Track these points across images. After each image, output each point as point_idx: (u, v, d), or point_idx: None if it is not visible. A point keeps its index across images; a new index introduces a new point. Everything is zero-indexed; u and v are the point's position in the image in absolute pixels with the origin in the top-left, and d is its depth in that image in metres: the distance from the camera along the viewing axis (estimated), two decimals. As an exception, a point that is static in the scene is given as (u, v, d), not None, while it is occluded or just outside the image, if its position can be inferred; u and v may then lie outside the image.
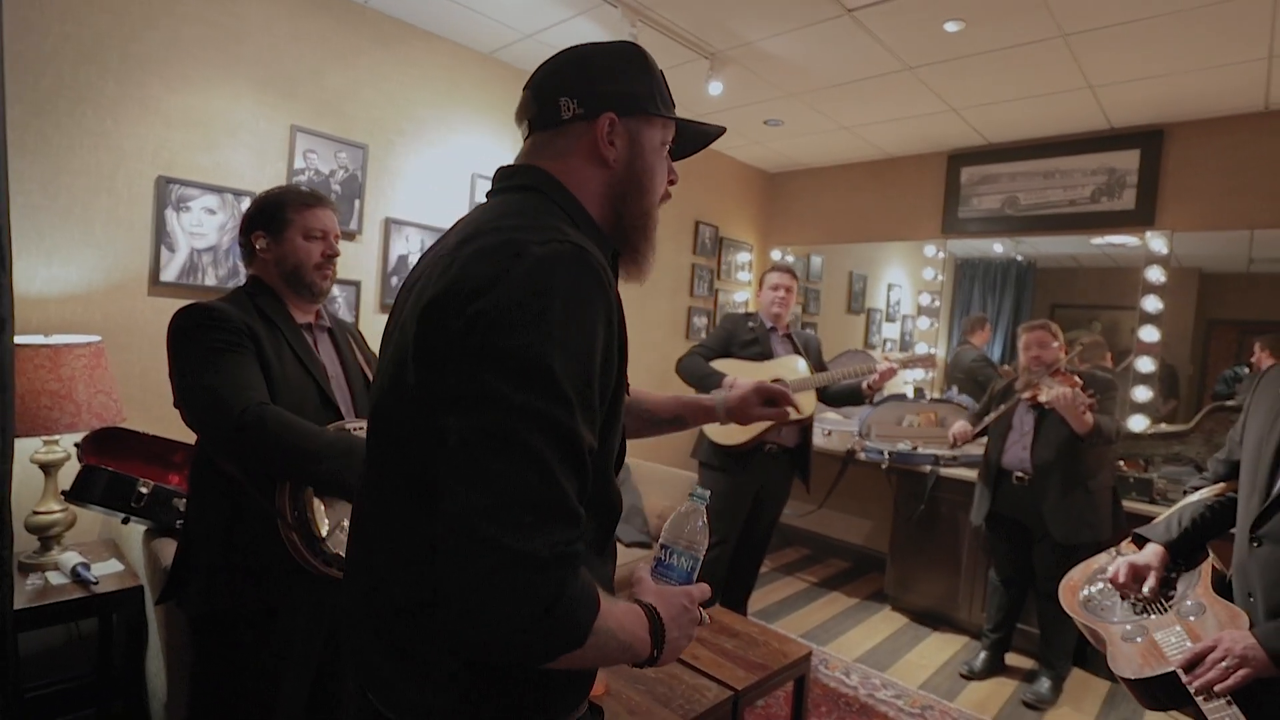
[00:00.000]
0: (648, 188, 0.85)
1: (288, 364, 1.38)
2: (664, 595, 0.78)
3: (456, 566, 0.59)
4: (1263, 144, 3.16)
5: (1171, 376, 3.60)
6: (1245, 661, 1.16)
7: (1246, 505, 1.33)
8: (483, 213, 0.80)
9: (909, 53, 2.86)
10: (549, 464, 0.61)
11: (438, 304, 0.67)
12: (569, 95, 0.81)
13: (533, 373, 0.62)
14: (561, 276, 0.65)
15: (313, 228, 1.45)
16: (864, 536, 4.31)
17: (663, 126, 0.87)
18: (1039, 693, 2.75)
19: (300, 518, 1.27)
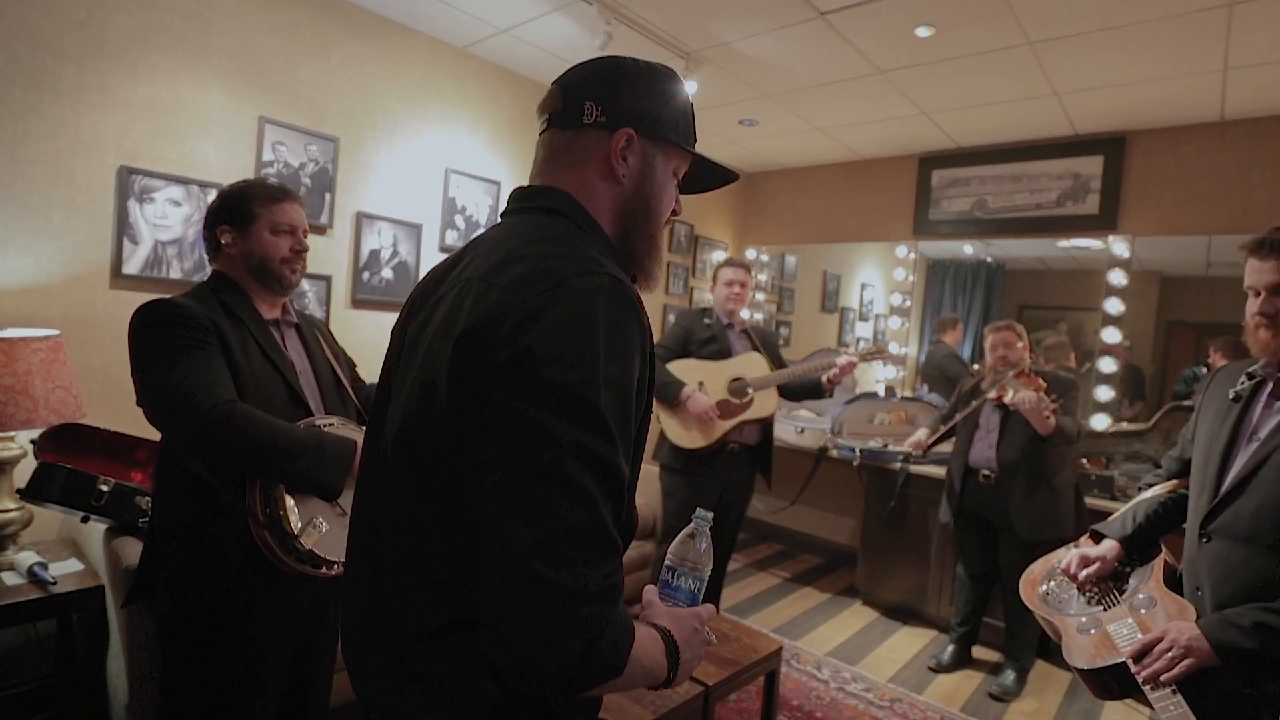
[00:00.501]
0: (655, 210, 0.86)
1: (254, 360, 1.35)
2: (676, 617, 0.79)
3: (506, 600, 0.60)
4: (1219, 153, 3.27)
5: (1137, 378, 3.71)
6: (1190, 652, 1.20)
7: (1196, 502, 1.37)
8: (508, 234, 0.79)
9: (881, 56, 2.90)
10: (595, 499, 0.63)
11: (478, 333, 0.67)
12: (594, 101, 0.81)
13: (580, 409, 0.63)
14: (603, 311, 0.66)
15: (280, 222, 1.42)
16: (836, 533, 4.37)
17: (678, 156, 0.87)
18: (1004, 684, 2.82)
19: (272, 515, 1.26)
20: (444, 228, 3.22)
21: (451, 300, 0.74)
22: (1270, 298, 1.25)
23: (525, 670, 0.61)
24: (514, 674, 0.62)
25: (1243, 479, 1.27)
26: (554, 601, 0.59)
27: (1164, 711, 1.20)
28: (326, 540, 1.33)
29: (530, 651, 0.60)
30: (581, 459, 0.62)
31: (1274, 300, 1.24)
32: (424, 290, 0.84)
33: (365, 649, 0.78)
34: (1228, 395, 1.37)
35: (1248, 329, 1.30)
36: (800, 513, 4.34)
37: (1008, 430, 2.78)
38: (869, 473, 3.62)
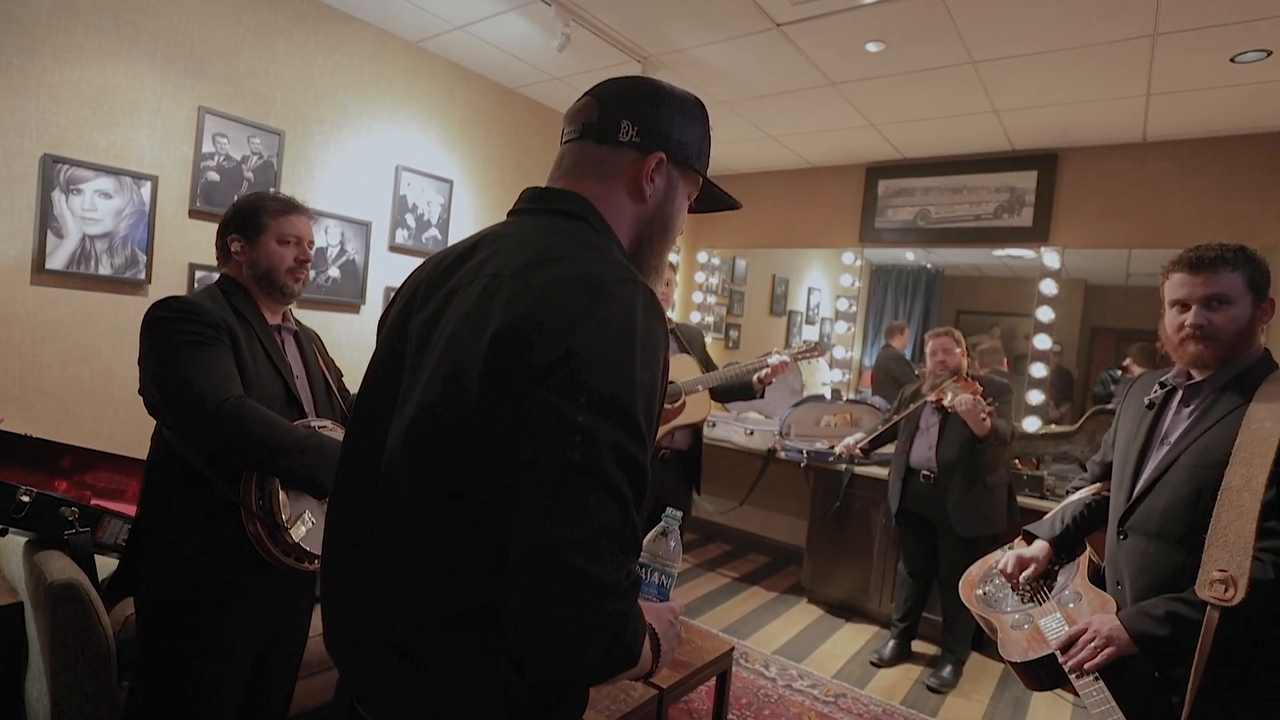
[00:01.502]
0: (670, 231, 0.89)
1: (259, 361, 1.42)
2: (654, 612, 0.81)
3: (544, 593, 0.62)
4: (1141, 172, 3.47)
5: (1066, 381, 3.91)
6: (1110, 641, 1.28)
7: (1115, 502, 1.47)
8: (532, 234, 0.80)
9: (833, 69, 2.97)
10: (627, 499, 0.65)
11: (517, 332, 0.68)
12: (631, 120, 0.83)
13: (620, 413, 0.65)
14: (640, 318, 0.69)
15: (287, 233, 1.50)
16: (783, 532, 4.46)
17: (694, 182, 0.91)
18: (942, 677, 2.93)
19: (265, 507, 1.33)
20: (394, 226, 3.14)
21: (477, 294, 0.74)
22: (1202, 310, 1.32)
23: (557, 660, 0.63)
24: (544, 664, 0.63)
25: (1154, 480, 1.36)
26: (591, 595, 0.61)
27: (1088, 697, 1.28)
28: (313, 535, 1.38)
29: (565, 642, 0.62)
30: (619, 460, 0.64)
31: (1206, 314, 1.31)
32: (429, 280, 0.83)
33: (358, 644, 0.77)
34: (1143, 402, 1.46)
35: (1170, 341, 1.38)
36: (749, 513, 4.41)
37: (946, 432, 2.89)
38: (815, 473, 3.71)
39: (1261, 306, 1.31)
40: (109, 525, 1.73)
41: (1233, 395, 1.31)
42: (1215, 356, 1.32)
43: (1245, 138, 3.23)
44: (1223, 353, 1.31)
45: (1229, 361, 1.33)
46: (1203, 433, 1.31)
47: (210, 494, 1.32)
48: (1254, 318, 1.31)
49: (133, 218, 2.31)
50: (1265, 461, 1.18)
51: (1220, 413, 1.31)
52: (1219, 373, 1.35)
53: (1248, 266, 1.31)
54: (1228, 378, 1.34)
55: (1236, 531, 1.17)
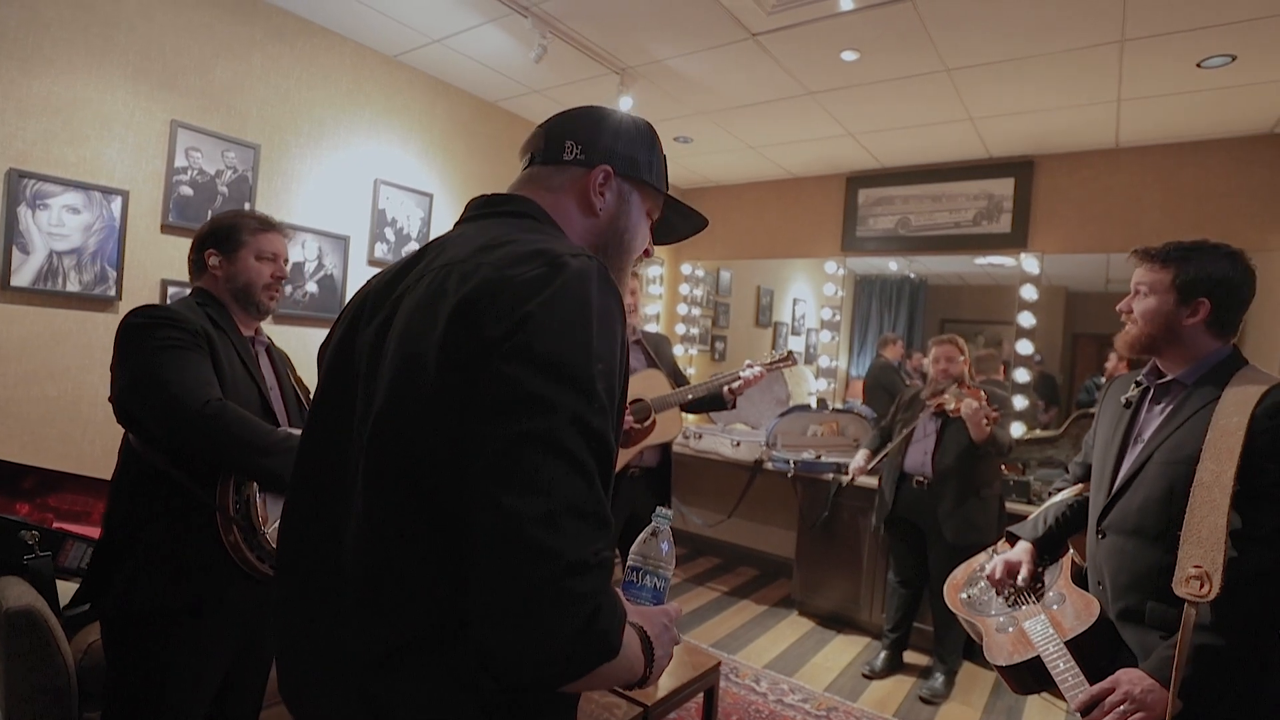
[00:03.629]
0: (626, 245, 0.90)
1: (236, 370, 1.42)
2: (647, 615, 0.77)
3: (503, 573, 0.58)
4: (1114, 177, 3.52)
5: (1050, 386, 3.92)
6: (1143, 706, 1.18)
7: (1094, 502, 1.46)
8: (480, 231, 0.79)
9: (810, 78, 2.99)
10: (590, 470, 0.62)
11: (473, 305, 0.66)
12: (575, 140, 0.87)
13: (577, 379, 0.63)
14: (594, 289, 0.68)
15: (265, 250, 1.52)
16: (772, 544, 4.42)
17: (652, 198, 0.93)
18: (934, 688, 2.90)
19: (243, 511, 1.32)
20: (373, 240, 3.12)
21: (427, 286, 0.73)
22: (1128, 297, 1.40)
23: (525, 648, 0.58)
24: (512, 654, 0.59)
25: (1130, 478, 1.35)
26: (555, 572, 0.57)
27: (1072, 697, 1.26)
28: None
29: (531, 625, 0.57)
30: (579, 430, 0.62)
31: (1130, 299, 1.40)
32: (374, 295, 0.81)
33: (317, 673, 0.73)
34: (1120, 402, 1.46)
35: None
36: (737, 525, 4.38)
37: (944, 439, 2.89)
38: (803, 484, 3.68)
39: (1188, 305, 1.33)
40: (72, 549, 1.68)
41: (1202, 392, 1.31)
42: (1132, 341, 1.39)
43: (1215, 142, 3.28)
44: (1138, 338, 1.38)
45: (1152, 349, 1.38)
46: (1174, 430, 1.32)
47: (183, 501, 1.31)
48: (1175, 314, 1.33)
49: (102, 233, 2.27)
50: (1233, 456, 1.18)
51: (1190, 410, 1.31)
52: (1187, 371, 1.36)
53: (1180, 266, 1.33)
54: (1196, 375, 1.35)
55: (1209, 527, 1.16)
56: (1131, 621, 1.32)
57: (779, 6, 2.42)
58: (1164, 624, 1.25)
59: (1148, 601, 1.29)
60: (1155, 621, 1.28)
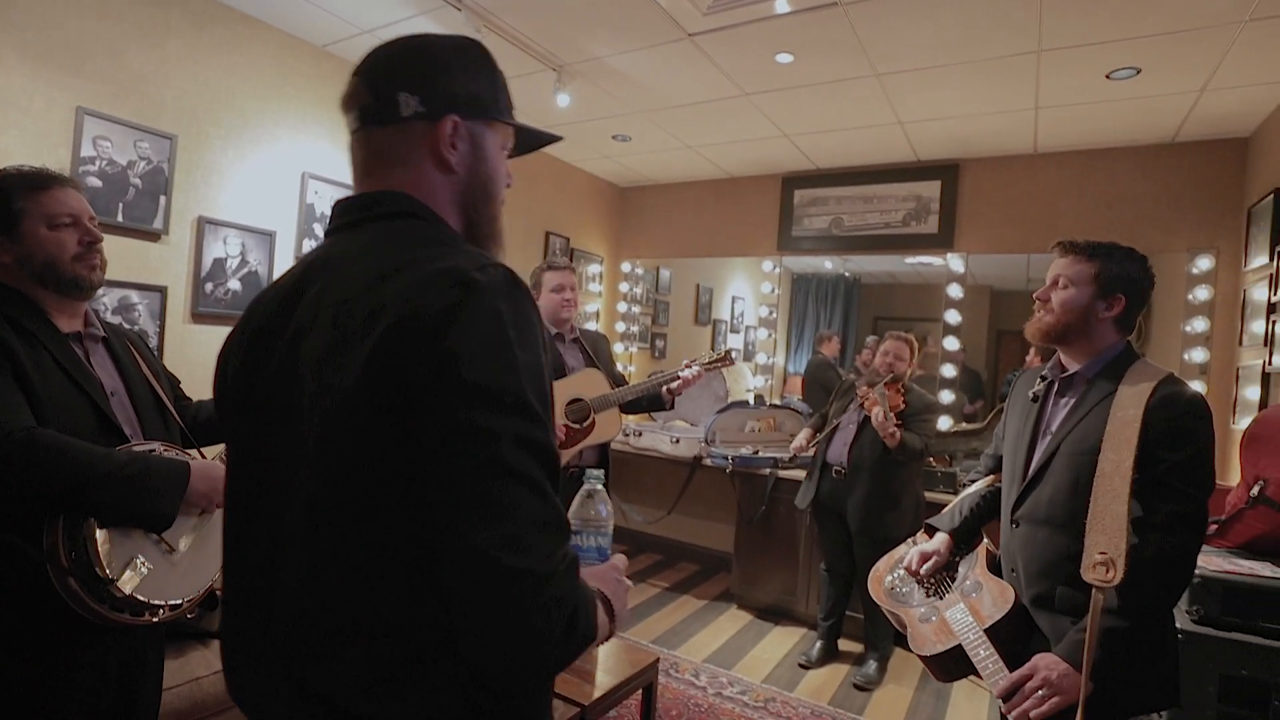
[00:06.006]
0: (492, 193, 0.84)
1: (53, 382, 1.18)
2: (600, 575, 0.81)
3: (485, 603, 0.61)
4: (1033, 181, 3.69)
5: (975, 380, 4.09)
6: (1059, 690, 1.23)
7: (1007, 492, 1.53)
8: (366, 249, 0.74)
9: (745, 80, 3.03)
10: (542, 483, 0.64)
11: (391, 346, 0.63)
12: (410, 91, 0.76)
13: (511, 401, 0.63)
14: (507, 302, 0.66)
15: (56, 214, 1.22)
16: (711, 539, 4.48)
17: (503, 130, 0.85)
18: (867, 674, 2.99)
19: (80, 560, 1.11)
20: (301, 236, 3.00)
21: (331, 324, 0.69)
22: (1047, 287, 1.45)
23: (519, 666, 0.63)
24: (507, 670, 0.63)
25: (1040, 469, 1.42)
26: (532, 589, 0.61)
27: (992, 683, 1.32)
28: (151, 582, 1.18)
29: (522, 643, 0.62)
30: (524, 448, 0.63)
31: (1049, 289, 1.45)
32: (263, 329, 0.76)
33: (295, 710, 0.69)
34: (1028, 396, 1.54)
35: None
36: (677, 521, 4.41)
37: (863, 432, 2.98)
38: (741, 479, 3.74)
39: (1106, 300, 1.40)
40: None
41: (1102, 385, 1.39)
42: (1046, 329, 1.44)
43: (1123, 150, 3.48)
44: (1053, 327, 1.43)
45: (1062, 339, 1.44)
46: (1078, 422, 1.39)
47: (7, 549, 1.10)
48: (1092, 306, 1.40)
49: (-2, 226, 2.12)
50: (1131, 446, 1.25)
51: (1092, 402, 1.38)
52: (1088, 364, 1.44)
53: (1102, 262, 1.40)
54: (1096, 369, 1.42)
55: (1112, 514, 1.23)
56: (1044, 607, 1.39)
57: (715, 7, 2.45)
58: (1074, 609, 1.32)
59: (1058, 587, 1.36)
60: (1065, 606, 1.35)
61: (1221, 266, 3.26)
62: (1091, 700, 1.20)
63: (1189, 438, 1.27)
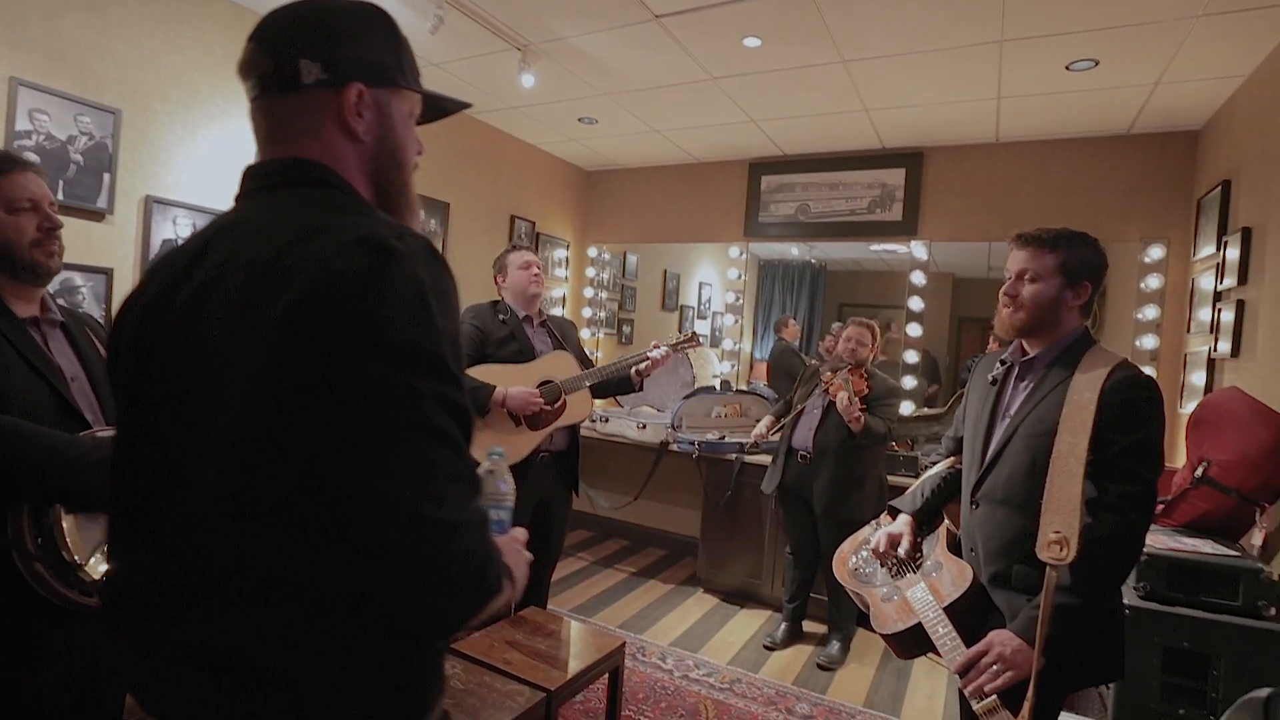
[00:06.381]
0: (402, 161, 0.83)
1: (13, 369, 1.17)
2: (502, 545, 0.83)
3: (405, 552, 0.63)
4: (994, 170, 3.75)
5: (932, 364, 4.17)
6: (1012, 665, 1.27)
7: (967, 474, 1.56)
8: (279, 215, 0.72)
9: (713, 63, 3.01)
10: (458, 441, 0.67)
11: (307, 308, 0.63)
12: (311, 58, 0.74)
13: (432, 362, 0.65)
14: (426, 270, 0.67)
15: (15, 198, 1.21)
16: (678, 524, 4.50)
17: (410, 98, 0.83)
18: (830, 654, 3.05)
19: (47, 546, 1.11)
20: (255, 217, 2.90)
21: (238, 289, 0.67)
22: (1015, 282, 1.45)
23: (435, 613, 0.66)
24: (424, 621, 0.67)
25: (999, 451, 1.45)
26: (447, 538, 0.64)
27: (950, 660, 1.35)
28: None
29: (437, 594, 0.65)
30: (443, 407, 0.66)
31: (1017, 284, 1.44)
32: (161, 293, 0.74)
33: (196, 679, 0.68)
34: (988, 379, 1.56)
35: (998, 309, 1.50)
36: (644, 507, 4.42)
37: (828, 417, 3.01)
38: (707, 464, 3.76)
39: (1074, 288, 1.42)
40: None
41: (1059, 369, 1.42)
42: (1020, 324, 1.45)
43: (1081, 140, 3.56)
44: (1027, 321, 1.44)
45: (1034, 331, 1.45)
46: (1035, 405, 1.42)
47: None
48: (1061, 297, 1.42)
49: (-75, 203, 2.00)
50: (1086, 428, 1.29)
51: (1049, 386, 1.41)
52: (1047, 349, 1.46)
53: (1066, 251, 1.42)
54: (1055, 354, 1.45)
55: (1066, 495, 1.26)
56: (1001, 585, 1.42)
57: (682, -11, 2.42)
58: (1029, 586, 1.35)
59: (1015, 566, 1.39)
60: (1021, 584, 1.38)
61: (1172, 256, 3.36)
62: (1043, 674, 1.23)
63: (1140, 421, 1.31)
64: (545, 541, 2.62)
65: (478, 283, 4.07)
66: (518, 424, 2.41)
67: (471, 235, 4.02)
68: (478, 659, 1.96)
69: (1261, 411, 2.08)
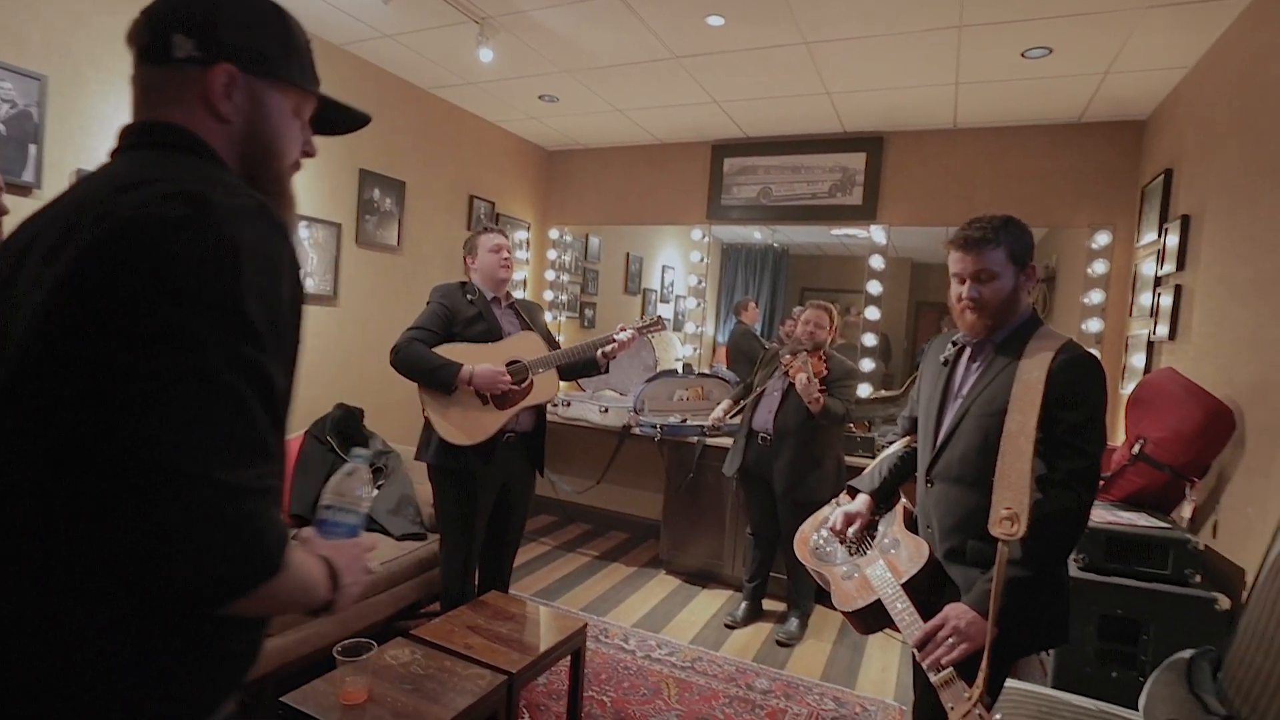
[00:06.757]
0: (276, 152, 0.82)
1: None
2: (338, 547, 0.83)
3: (163, 508, 0.60)
4: (952, 156, 3.81)
5: (886, 345, 4.25)
6: (967, 637, 1.31)
7: (922, 453, 1.60)
8: (128, 168, 0.72)
9: (676, 42, 2.97)
10: (249, 404, 0.64)
11: (107, 246, 0.62)
12: (184, 33, 0.74)
13: (227, 313, 0.63)
14: (248, 228, 0.66)
15: None
16: (641, 507, 4.52)
17: (298, 95, 0.83)
18: (789, 631, 3.11)
19: None
20: (198, 192, 2.78)
21: (59, 229, 0.67)
22: (973, 285, 1.46)
23: (194, 574, 0.61)
24: (181, 582, 0.62)
25: (952, 430, 1.49)
26: (212, 497, 0.61)
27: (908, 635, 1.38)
28: None
29: (197, 553, 0.61)
30: (234, 364, 0.63)
31: (976, 288, 1.46)
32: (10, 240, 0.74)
33: None
34: (940, 360, 1.59)
35: (954, 310, 1.52)
36: (606, 491, 4.42)
37: (788, 400, 3.05)
38: (669, 447, 3.77)
39: (1024, 273, 1.47)
40: None
41: (1009, 350, 1.45)
42: (987, 323, 1.47)
43: (1035, 128, 3.63)
44: (992, 319, 1.46)
45: (1002, 325, 1.48)
46: (986, 385, 1.45)
47: None
48: (1017, 285, 1.46)
49: None
50: (1034, 407, 1.32)
51: (999, 366, 1.45)
52: (998, 332, 1.49)
53: (1008, 240, 1.44)
54: (1004, 335, 1.49)
55: (1017, 472, 1.30)
56: (956, 560, 1.46)
57: (644, -36, 2.37)
58: (982, 561, 1.39)
59: (969, 541, 1.43)
60: (975, 559, 1.42)
61: (1118, 242, 3.47)
62: (995, 644, 1.27)
63: (1085, 400, 1.35)
64: (506, 524, 2.61)
65: (436, 264, 3.98)
66: (484, 403, 2.38)
67: (429, 215, 3.92)
68: (438, 644, 1.94)
69: (1194, 391, 2.16)
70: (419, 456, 2.49)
